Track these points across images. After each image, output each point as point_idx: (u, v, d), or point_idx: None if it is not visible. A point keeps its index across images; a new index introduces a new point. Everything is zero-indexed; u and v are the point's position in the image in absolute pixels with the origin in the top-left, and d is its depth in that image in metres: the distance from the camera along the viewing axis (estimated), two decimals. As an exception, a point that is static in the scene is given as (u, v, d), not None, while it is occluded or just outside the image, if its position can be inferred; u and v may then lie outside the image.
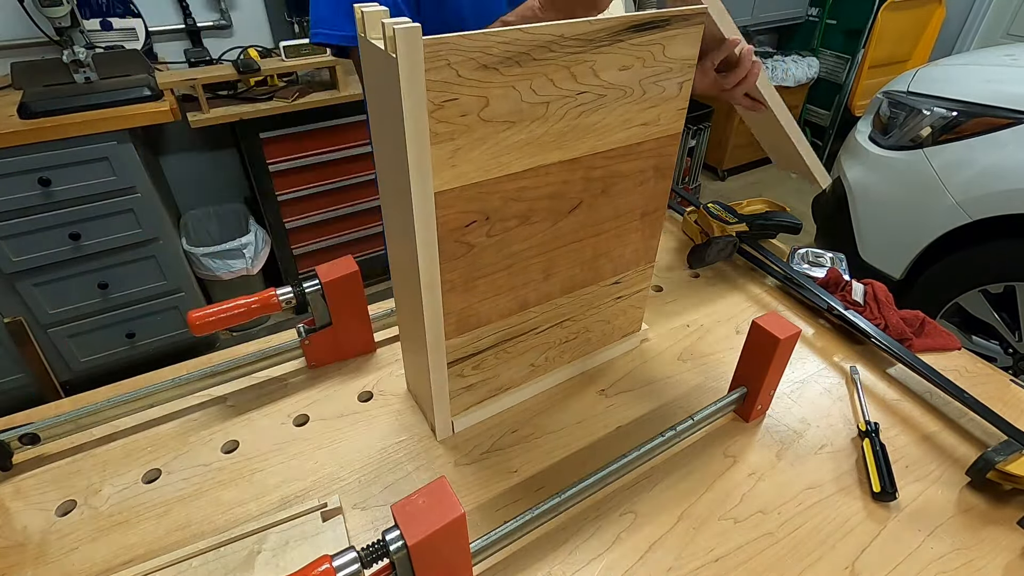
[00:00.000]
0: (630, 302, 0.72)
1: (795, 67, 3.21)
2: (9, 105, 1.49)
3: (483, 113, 0.46)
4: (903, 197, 1.67)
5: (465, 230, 0.51)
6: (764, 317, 0.60)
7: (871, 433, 0.63)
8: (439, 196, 0.47)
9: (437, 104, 0.43)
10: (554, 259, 0.60)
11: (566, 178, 0.55)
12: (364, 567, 0.41)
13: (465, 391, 0.63)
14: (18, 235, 1.52)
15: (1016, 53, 1.73)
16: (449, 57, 0.42)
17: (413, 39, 0.39)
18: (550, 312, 0.64)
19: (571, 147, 0.53)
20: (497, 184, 0.50)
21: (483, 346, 0.61)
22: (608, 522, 0.56)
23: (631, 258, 0.68)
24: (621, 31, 0.49)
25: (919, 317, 0.80)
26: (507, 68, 0.45)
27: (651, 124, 0.57)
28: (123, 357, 1.86)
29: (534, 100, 0.48)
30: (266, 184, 1.94)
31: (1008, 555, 0.54)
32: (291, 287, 0.67)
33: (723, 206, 1.00)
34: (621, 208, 0.62)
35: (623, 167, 0.58)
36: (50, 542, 0.54)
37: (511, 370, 0.66)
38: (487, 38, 0.42)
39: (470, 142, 0.47)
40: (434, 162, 0.45)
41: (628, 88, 0.53)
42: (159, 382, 0.65)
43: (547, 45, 0.46)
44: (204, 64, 1.92)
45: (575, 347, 0.71)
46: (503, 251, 0.55)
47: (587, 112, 0.52)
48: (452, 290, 0.54)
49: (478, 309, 0.58)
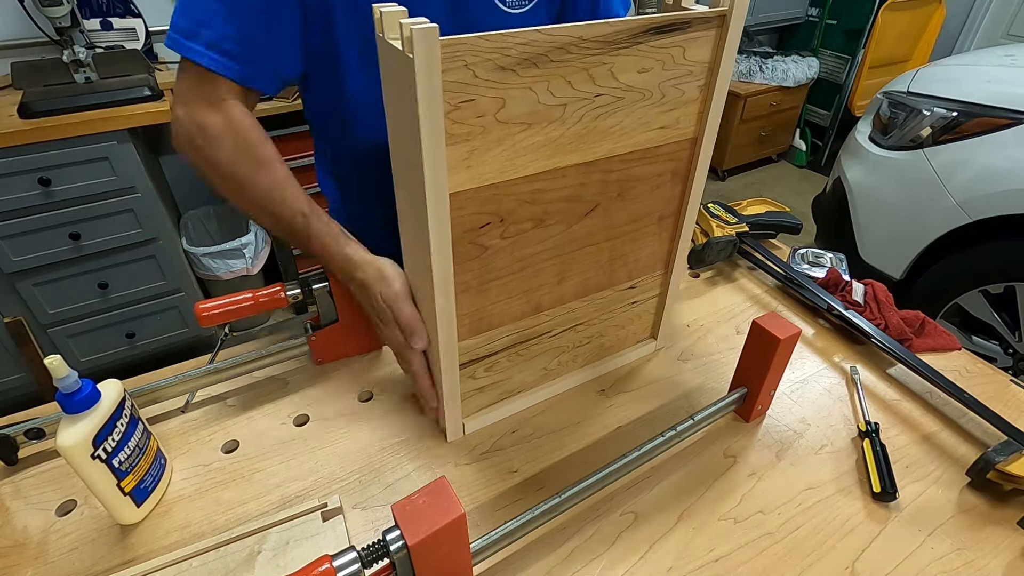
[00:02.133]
0: (645, 307, 0.72)
1: (795, 67, 3.21)
2: (9, 105, 1.49)
3: (499, 114, 0.46)
4: (903, 197, 1.67)
5: (480, 231, 0.51)
6: (764, 317, 0.60)
7: (871, 433, 0.63)
8: (454, 197, 0.47)
9: (453, 105, 0.43)
10: (568, 262, 0.60)
11: (582, 181, 0.54)
12: (364, 567, 0.41)
13: (477, 393, 0.63)
14: (18, 235, 1.52)
15: (1016, 53, 1.73)
16: (466, 58, 0.41)
17: (431, 39, 0.39)
18: (564, 316, 0.64)
19: (588, 149, 0.53)
20: (512, 186, 0.50)
21: (496, 348, 0.61)
22: (608, 522, 0.56)
23: (647, 263, 0.67)
24: (641, 33, 0.48)
25: (919, 317, 0.80)
26: (524, 69, 0.44)
27: (669, 127, 0.57)
28: (123, 357, 1.86)
29: (551, 102, 0.48)
30: (266, 184, 1.94)
31: (1008, 555, 0.54)
32: (299, 284, 0.67)
33: (723, 206, 1.00)
34: (637, 212, 0.61)
35: (640, 170, 0.58)
36: (50, 542, 0.54)
37: (523, 373, 0.66)
38: (505, 39, 0.42)
39: (486, 143, 0.46)
40: (449, 163, 0.45)
41: (647, 91, 0.52)
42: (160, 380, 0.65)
43: (565, 47, 0.45)
44: (204, 64, 1.92)
45: (588, 352, 0.70)
46: (517, 253, 0.55)
47: (605, 114, 0.51)
48: (466, 291, 0.54)
49: (491, 311, 0.57)
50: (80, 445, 0.48)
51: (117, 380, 0.54)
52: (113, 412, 0.51)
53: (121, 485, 0.52)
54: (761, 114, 3.24)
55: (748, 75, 3.21)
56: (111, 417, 0.51)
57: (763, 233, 0.99)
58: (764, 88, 3.16)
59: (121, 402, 0.52)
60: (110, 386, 0.52)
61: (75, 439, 0.48)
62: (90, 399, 0.49)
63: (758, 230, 0.97)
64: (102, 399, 0.50)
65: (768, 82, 3.18)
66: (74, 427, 0.48)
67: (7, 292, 1.59)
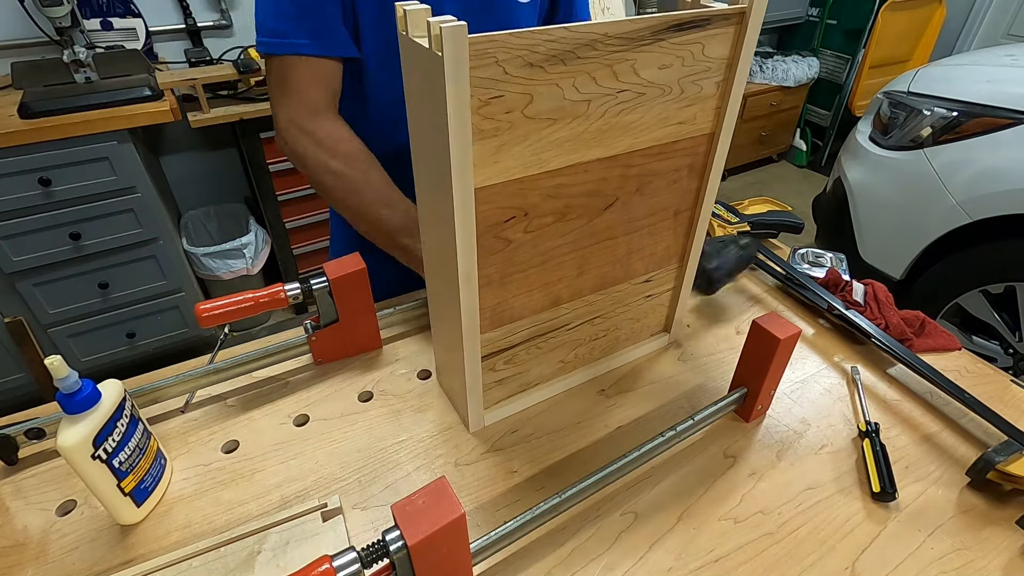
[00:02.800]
0: (659, 300, 0.73)
1: (795, 67, 3.21)
2: (9, 105, 1.49)
3: (527, 110, 0.46)
4: (903, 197, 1.67)
5: (504, 226, 0.52)
6: (764, 317, 0.60)
7: (871, 433, 0.63)
8: (480, 192, 0.48)
9: (483, 101, 0.44)
10: (588, 256, 0.60)
11: (603, 175, 0.55)
12: (364, 567, 0.41)
13: (496, 385, 0.64)
14: (18, 235, 1.52)
15: (1017, 53, 1.73)
16: (497, 55, 0.42)
17: (459, 38, 0.39)
18: (581, 309, 0.65)
19: (610, 144, 0.53)
20: (537, 180, 0.51)
21: (515, 341, 0.61)
22: (608, 522, 0.56)
23: (663, 256, 0.68)
24: (663, 30, 0.49)
25: (919, 317, 0.80)
26: (552, 66, 0.45)
27: (687, 123, 0.58)
28: (123, 357, 1.86)
29: (576, 98, 0.48)
30: (266, 184, 1.94)
31: (1008, 555, 0.54)
32: (299, 283, 0.67)
33: (725, 206, 0.99)
34: (655, 206, 0.62)
35: (658, 165, 0.59)
36: (50, 541, 0.54)
37: (541, 365, 0.67)
38: (534, 36, 0.43)
39: (513, 138, 0.47)
40: (476, 158, 0.46)
41: (667, 87, 0.53)
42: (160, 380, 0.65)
43: (591, 43, 0.46)
44: (204, 64, 1.92)
45: (604, 345, 0.71)
46: (539, 247, 0.56)
47: (626, 110, 0.52)
48: (488, 284, 0.55)
49: (512, 304, 0.58)
50: (80, 445, 0.48)
51: (117, 380, 0.54)
52: (113, 412, 0.51)
53: (121, 485, 0.52)
54: (761, 114, 3.24)
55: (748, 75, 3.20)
56: (111, 417, 0.51)
57: (765, 232, 0.99)
58: (764, 88, 3.16)
59: (121, 402, 0.52)
60: (110, 386, 0.52)
61: (75, 439, 0.48)
62: (90, 399, 0.49)
63: (760, 229, 0.97)
64: (102, 399, 0.51)
65: (768, 82, 3.18)
66: (74, 427, 0.48)
67: (7, 292, 1.59)
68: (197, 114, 1.72)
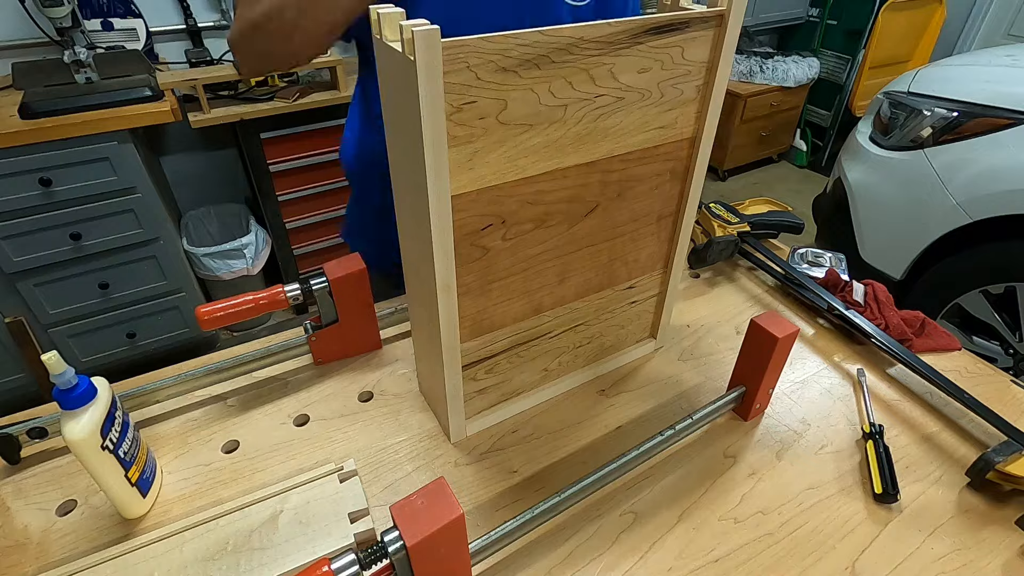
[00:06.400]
0: (644, 307, 0.72)
1: (795, 67, 3.21)
2: (10, 105, 1.49)
3: (501, 116, 0.46)
4: (904, 198, 1.67)
5: (481, 233, 0.51)
6: (762, 316, 0.60)
7: (875, 435, 0.63)
8: (456, 199, 0.47)
9: (455, 107, 0.43)
10: (569, 263, 0.60)
11: (583, 181, 0.55)
12: (363, 568, 0.41)
13: (478, 395, 0.63)
14: (19, 235, 1.52)
15: (1017, 54, 1.73)
16: (468, 59, 0.41)
17: (432, 41, 0.38)
18: (564, 316, 0.64)
19: (588, 150, 0.53)
20: (514, 187, 0.50)
21: (497, 350, 0.61)
22: (608, 522, 0.56)
23: (646, 262, 0.67)
24: (640, 33, 0.49)
25: (919, 317, 0.79)
26: (526, 71, 0.45)
27: (668, 127, 0.57)
28: (124, 357, 1.86)
29: (552, 103, 0.48)
30: (266, 184, 1.94)
31: (1007, 555, 0.54)
32: (299, 284, 0.67)
33: (725, 206, 0.99)
34: (637, 212, 0.61)
35: (640, 170, 0.58)
36: (51, 541, 0.54)
37: (524, 374, 0.66)
38: (506, 40, 0.42)
39: (488, 145, 0.46)
40: (451, 165, 0.45)
41: (646, 91, 0.53)
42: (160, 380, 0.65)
43: (566, 48, 0.45)
44: (205, 64, 1.93)
45: (588, 352, 0.70)
46: (519, 254, 0.55)
47: (605, 115, 0.52)
48: (467, 293, 0.54)
49: (492, 313, 0.57)
50: (89, 437, 0.49)
51: (102, 378, 0.54)
52: (109, 406, 0.51)
53: (128, 475, 0.53)
54: (761, 114, 3.24)
55: (748, 75, 3.21)
56: (109, 410, 0.51)
57: (765, 233, 0.99)
58: (764, 88, 3.16)
59: (113, 397, 0.53)
60: (99, 382, 0.53)
61: (84, 431, 0.49)
62: (88, 394, 0.50)
63: (760, 229, 0.97)
64: (99, 393, 0.51)
65: (768, 82, 3.18)
66: (79, 420, 0.49)
67: (8, 292, 1.60)
68: (197, 114, 1.72)
